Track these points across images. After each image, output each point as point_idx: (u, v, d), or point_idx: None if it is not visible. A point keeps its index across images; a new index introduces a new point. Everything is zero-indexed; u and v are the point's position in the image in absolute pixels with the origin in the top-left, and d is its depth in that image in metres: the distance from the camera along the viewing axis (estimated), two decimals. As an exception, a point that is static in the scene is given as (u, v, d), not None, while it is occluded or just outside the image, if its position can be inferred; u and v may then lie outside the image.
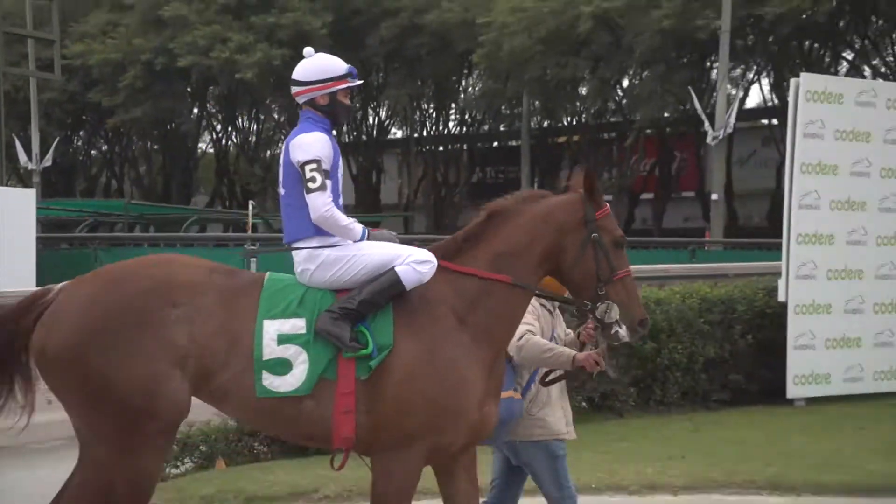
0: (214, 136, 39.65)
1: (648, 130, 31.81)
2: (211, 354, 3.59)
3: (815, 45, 27.69)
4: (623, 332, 3.82)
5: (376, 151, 37.28)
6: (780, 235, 10.32)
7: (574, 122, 35.44)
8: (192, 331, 3.55)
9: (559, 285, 3.99)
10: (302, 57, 3.85)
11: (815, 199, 10.08)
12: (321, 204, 3.63)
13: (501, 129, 37.43)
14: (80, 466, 3.68)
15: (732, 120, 22.86)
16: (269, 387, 3.60)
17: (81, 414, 3.63)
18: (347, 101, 3.92)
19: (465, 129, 37.19)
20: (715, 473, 6.66)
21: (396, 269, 3.63)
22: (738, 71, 28.78)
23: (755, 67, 29.97)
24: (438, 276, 3.64)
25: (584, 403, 8.56)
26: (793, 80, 10.36)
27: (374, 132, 37.14)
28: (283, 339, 3.62)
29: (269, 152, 36.57)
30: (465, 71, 33.22)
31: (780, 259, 10.23)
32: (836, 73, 24.94)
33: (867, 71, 27.49)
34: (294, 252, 3.76)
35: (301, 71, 3.85)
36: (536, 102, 32.67)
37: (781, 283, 9.86)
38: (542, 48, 26.94)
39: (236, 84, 30.00)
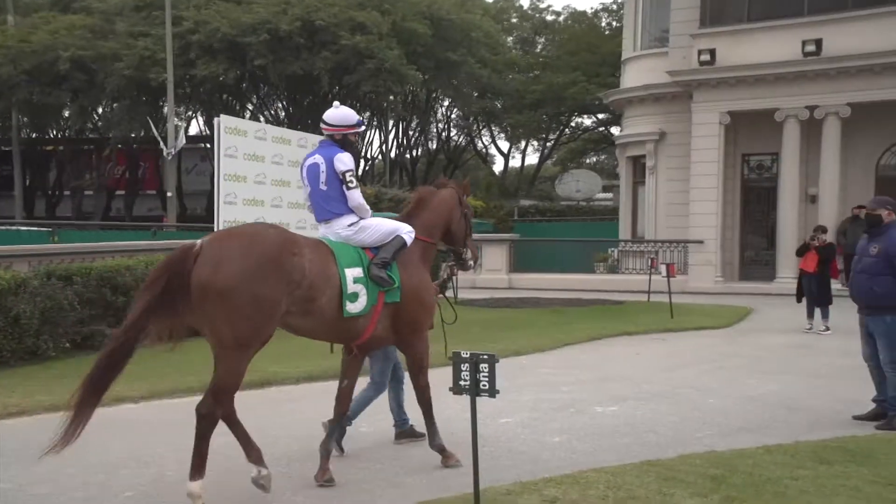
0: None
1: (120, 145, 37.07)
2: (315, 286, 4.71)
3: (229, 97, 34.03)
4: (471, 263, 5.88)
5: None
6: (213, 222, 11.89)
7: (60, 136, 39.60)
8: (304, 270, 4.65)
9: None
10: None
11: (234, 198, 11.96)
12: (357, 195, 5.17)
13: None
14: (215, 371, 4.50)
15: (180, 142, 27.37)
16: (350, 310, 4.88)
17: (228, 328, 4.38)
18: (354, 139, 5.35)
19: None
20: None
21: (401, 235, 5.21)
22: (182, 109, 34.15)
23: (192, 108, 35.77)
24: None
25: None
26: (216, 119, 12.09)
27: None
28: (356, 280, 4.92)
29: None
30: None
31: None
32: (243, 117, 31.26)
33: (262, 118, 34.93)
34: (335, 222, 5.13)
35: (333, 117, 5.30)
36: (25, 118, 35.64)
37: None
38: (27, 77, 30.69)
39: None
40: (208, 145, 31.19)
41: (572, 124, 46.31)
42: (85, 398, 4.32)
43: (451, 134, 48.59)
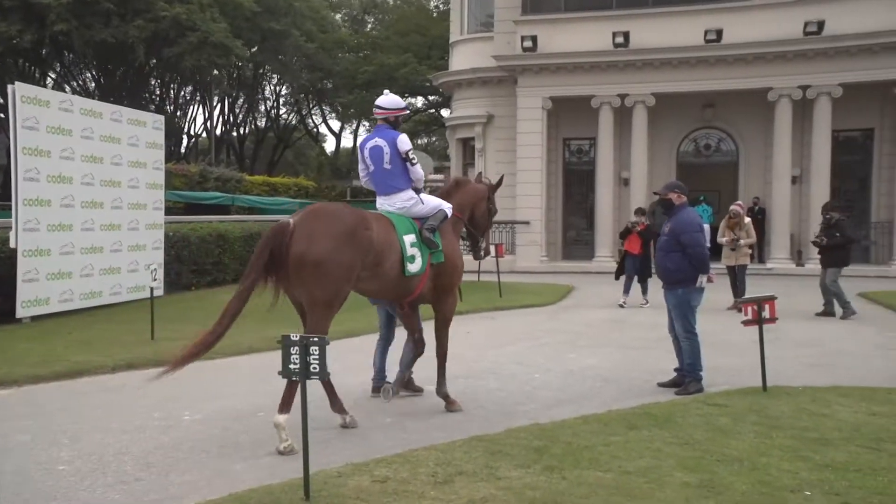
0: None
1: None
2: (382, 252, 5.69)
3: (26, 63, 30.81)
4: (482, 253, 6.93)
5: None
6: (10, 199, 10.84)
7: None
8: (373, 241, 5.60)
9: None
10: None
11: (35, 174, 10.95)
12: (419, 170, 6.23)
13: None
14: (307, 325, 5.51)
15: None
16: (410, 270, 5.90)
17: (319, 291, 5.33)
18: (403, 120, 6.32)
19: None
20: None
21: (444, 209, 6.27)
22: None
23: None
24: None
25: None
26: (10, 87, 10.78)
27: None
28: (412, 245, 5.93)
29: None
30: None
31: (11, 217, 10.90)
32: (44, 85, 28.48)
33: (67, 88, 32.37)
34: (396, 196, 6.13)
35: (386, 101, 6.26)
36: None
37: (13, 234, 10.71)
38: None
39: None
40: (2, 115, 28.61)
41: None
42: (208, 339, 5.23)
43: (281, 112, 47.32)
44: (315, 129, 50.28)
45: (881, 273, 19.50)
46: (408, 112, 6.60)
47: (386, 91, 6.49)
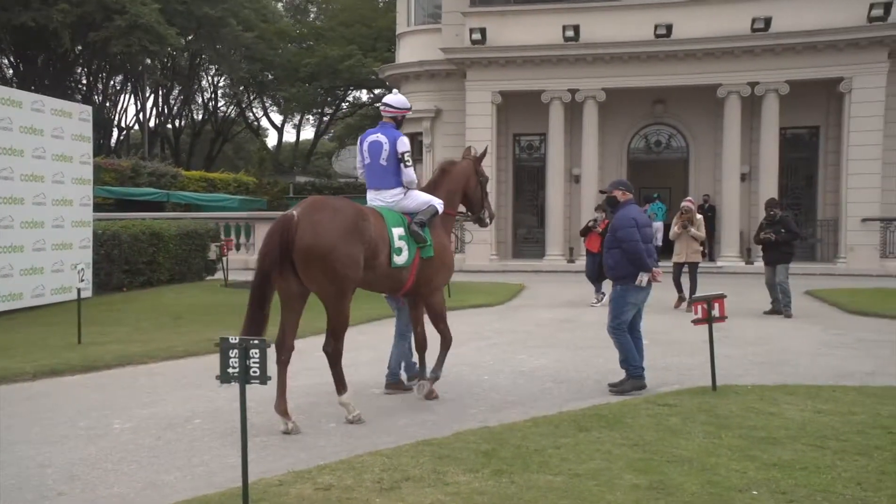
0: None
1: None
2: (377, 245, 6.07)
3: None
4: (487, 221, 7.40)
5: None
6: None
7: None
8: (371, 233, 6.00)
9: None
10: None
11: (10, 173, 11.45)
12: (412, 172, 6.60)
13: None
14: (328, 317, 5.91)
15: None
16: (396, 262, 6.27)
17: (329, 281, 5.74)
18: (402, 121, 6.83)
19: None
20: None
21: (434, 204, 6.65)
22: None
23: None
24: None
25: None
26: None
27: None
28: (400, 238, 6.30)
29: None
30: None
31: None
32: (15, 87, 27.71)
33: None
34: (386, 192, 6.53)
35: (395, 101, 6.76)
36: None
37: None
38: None
39: None
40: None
41: (349, 99, 46.23)
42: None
43: (219, 104, 46.54)
44: (256, 123, 49.62)
45: (827, 270, 20.16)
46: (408, 113, 6.99)
47: (395, 90, 7.46)
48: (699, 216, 13.51)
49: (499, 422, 5.98)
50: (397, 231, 6.32)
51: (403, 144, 6.60)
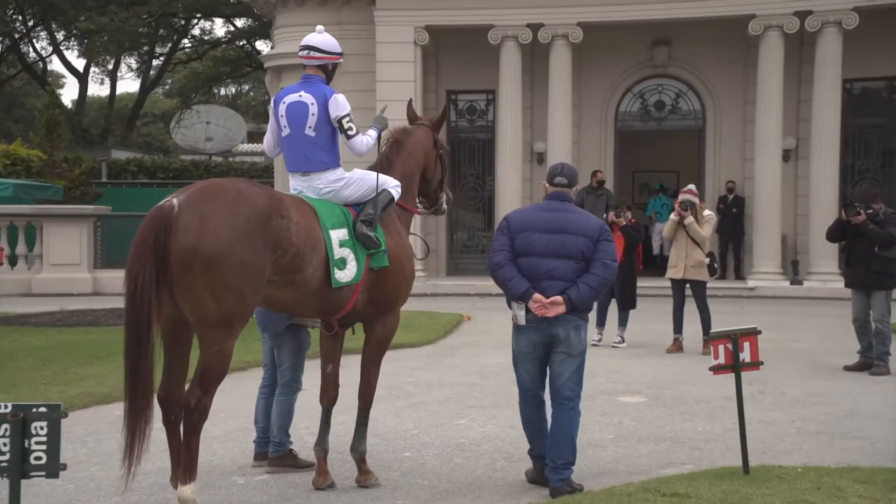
0: None
1: None
2: (301, 254, 6.13)
3: None
4: (445, 207, 7.82)
5: None
6: None
7: None
8: (291, 235, 6.05)
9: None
10: None
11: None
12: (362, 142, 6.79)
13: None
14: (200, 355, 5.91)
15: None
16: (339, 279, 6.38)
17: (212, 299, 5.74)
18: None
19: None
20: None
21: (388, 189, 6.83)
22: None
23: None
24: None
25: None
26: None
27: None
28: (342, 244, 6.40)
29: None
30: None
31: None
32: None
33: None
34: (318, 176, 6.66)
35: (323, 42, 6.88)
36: None
37: None
38: None
39: None
40: None
41: (195, 32, 45.47)
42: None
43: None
44: (41, 66, 48.45)
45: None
46: (340, 60, 7.15)
47: (319, 27, 7.12)
48: (708, 211, 13.65)
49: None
50: (337, 234, 6.43)
51: (340, 105, 6.74)
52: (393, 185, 6.96)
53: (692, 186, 13.81)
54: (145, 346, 5.66)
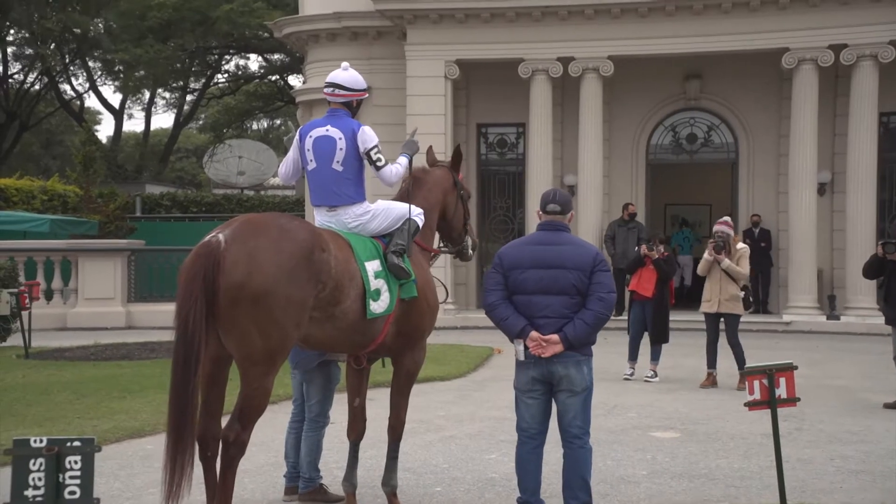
0: None
1: None
2: (341, 286, 6.27)
3: None
4: (471, 252, 8.01)
5: None
6: None
7: None
8: (332, 269, 6.19)
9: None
10: None
11: None
12: (392, 172, 6.98)
13: None
14: (241, 389, 6.02)
15: None
16: (374, 310, 6.50)
17: (259, 336, 5.85)
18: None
19: None
20: None
21: (413, 219, 7.01)
22: None
23: None
24: None
25: None
26: None
27: None
28: (377, 275, 6.54)
29: None
30: None
31: None
32: None
33: None
34: (345, 210, 6.79)
35: (347, 79, 7.02)
36: None
37: None
38: None
39: None
40: None
41: (228, 67, 45.75)
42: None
43: (13, 71, 45.70)
44: (77, 103, 48.94)
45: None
46: (367, 96, 7.36)
47: (345, 63, 7.21)
48: (743, 245, 13.62)
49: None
50: (372, 266, 6.54)
51: (368, 138, 6.85)
52: (416, 212, 7.10)
53: (727, 218, 13.79)
54: (193, 382, 5.75)
